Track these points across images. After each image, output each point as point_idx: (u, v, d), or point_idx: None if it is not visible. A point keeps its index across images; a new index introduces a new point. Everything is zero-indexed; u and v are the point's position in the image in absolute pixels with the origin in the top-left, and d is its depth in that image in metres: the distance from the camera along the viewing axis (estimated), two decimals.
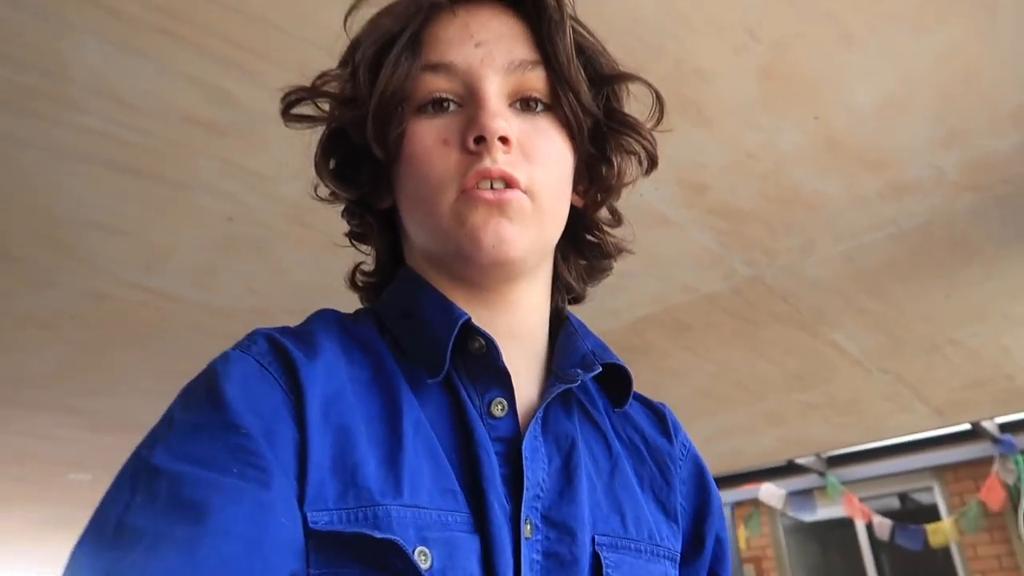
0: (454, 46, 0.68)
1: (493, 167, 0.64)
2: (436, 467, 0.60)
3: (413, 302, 0.70)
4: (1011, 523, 6.02)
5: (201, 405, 0.57)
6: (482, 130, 0.64)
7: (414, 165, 0.67)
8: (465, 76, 0.67)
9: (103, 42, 1.76)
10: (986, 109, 2.17)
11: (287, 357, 0.60)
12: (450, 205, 0.65)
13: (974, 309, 3.34)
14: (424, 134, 0.67)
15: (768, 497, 6.81)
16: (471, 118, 0.65)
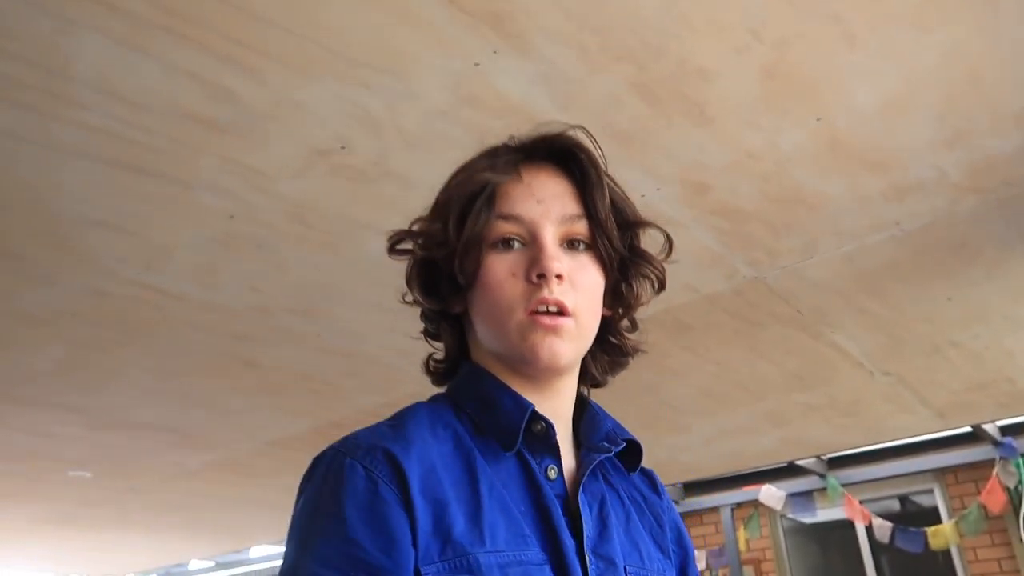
0: (520, 202, 0.93)
1: (550, 297, 0.88)
2: (508, 519, 0.82)
3: (487, 391, 0.93)
4: (1012, 526, 6.02)
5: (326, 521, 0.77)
6: (543, 269, 0.88)
7: (489, 291, 0.90)
8: (529, 225, 0.92)
9: (104, 39, 1.76)
10: (989, 110, 2.17)
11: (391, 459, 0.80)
12: (516, 324, 0.88)
13: (976, 311, 3.33)
14: (497, 268, 0.91)
15: (768, 498, 6.81)
16: (534, 258, 0.89)
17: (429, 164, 2.26)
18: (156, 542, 7.91)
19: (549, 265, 0.88)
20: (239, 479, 5.41)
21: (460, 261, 0.92)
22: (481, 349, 0.96)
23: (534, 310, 0.88)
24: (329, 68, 1.90)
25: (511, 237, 0.92)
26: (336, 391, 3.86)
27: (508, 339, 0.89)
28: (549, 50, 1.88)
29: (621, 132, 2.17)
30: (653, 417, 4.54)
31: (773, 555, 7.26)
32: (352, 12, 1.75)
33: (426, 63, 1.91)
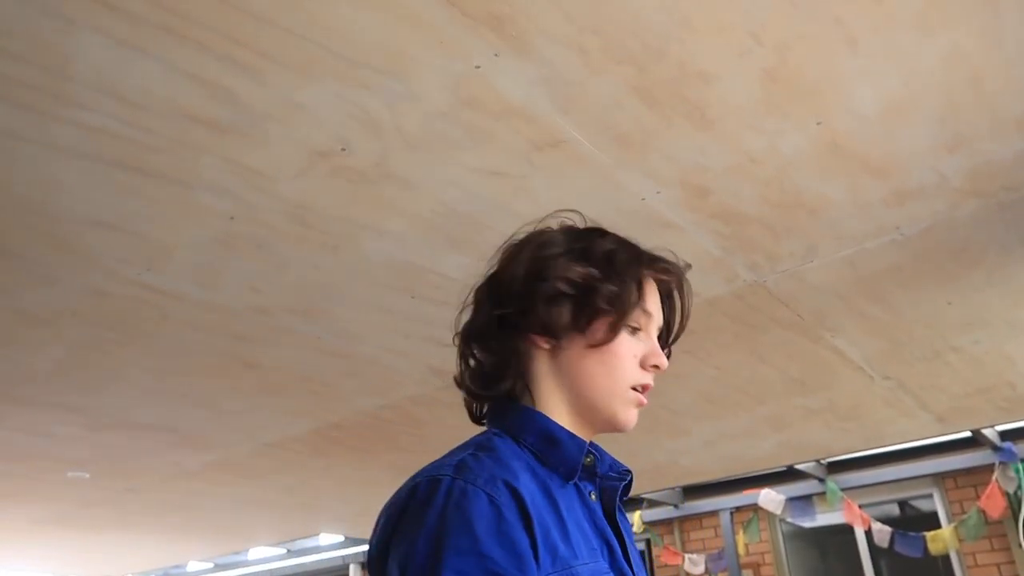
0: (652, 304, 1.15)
1: (651, 385, 1.13)
2: (583, 536, 1.00)
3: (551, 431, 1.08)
4: (1011, 531, 6.01)
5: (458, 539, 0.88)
6: (661, 365, 1.14)
7: (615, 361, 1.10)
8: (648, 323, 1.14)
9: (104, 38, 1.76)
10: (990, 115, 2.16)
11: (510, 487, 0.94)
12: (623, 393, 1.11)
13: (977, 316, 3.33)
14: (626, 346, 1.11)
15: (767, 503, 6.81)
16: (654, 352, 1.14)
17: (429, 166, 2.26)
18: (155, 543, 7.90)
19: (665, 364, 1.14)
20: (238, 480, 5.40)
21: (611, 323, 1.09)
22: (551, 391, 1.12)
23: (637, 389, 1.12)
24: (330, 69, 1.90)
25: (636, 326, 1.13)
26: (336, 392, 3.86)
27: (610, 402, 1.10)
28: (550, 52, 1.88)
29: (621, 135, 2.17)
30: (653, 420, 4.54)
31: (772, 559, 7.25)
32: (353, 13, 1.75)
33: (427, 65, 1.91)
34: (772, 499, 6.80)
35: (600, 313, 1.09)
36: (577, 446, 1.07)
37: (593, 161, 2.27)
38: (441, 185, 2.35)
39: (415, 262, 2.74)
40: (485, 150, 2.22)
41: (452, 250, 2.68)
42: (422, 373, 3.65)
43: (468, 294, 1.21)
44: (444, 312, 3.08)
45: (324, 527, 7.63)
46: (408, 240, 2.60)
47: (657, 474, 5.84)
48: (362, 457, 4.97)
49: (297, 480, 5.46)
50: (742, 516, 7.32)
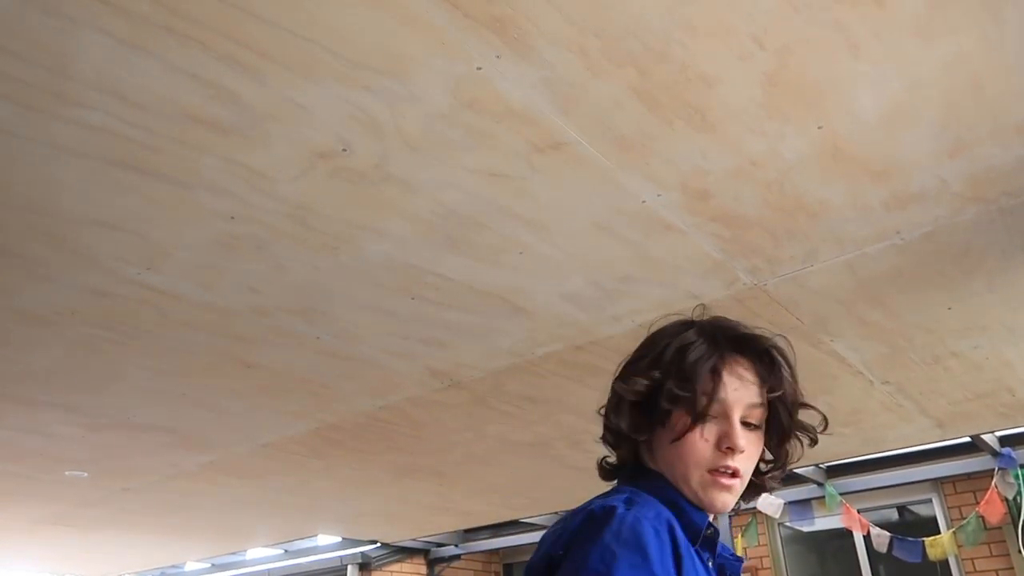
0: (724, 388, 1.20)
1: (732, 464, 1.18)
2: None
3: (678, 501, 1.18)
4: (1010, 537, 6.01)
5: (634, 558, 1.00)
6: (733, 445, 1.18)
7: (686, 449, 1.18)
8: (724, 406, 1.20)
9: (106, 38, 1.76)
10: (991, 120, 2.16)
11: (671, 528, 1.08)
12: (699, 478, 1.18)
13: (977, 321, 3.33)
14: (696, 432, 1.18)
15: (766, 506, 6.80)
16: (727, 433, 1.19)
17: (430, 167, 2.26)
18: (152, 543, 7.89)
19: (739, 443, 1.18)
20: (236, 481, 5.40)
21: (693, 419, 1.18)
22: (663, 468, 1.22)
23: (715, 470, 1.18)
24: (331, 70, 1.90)
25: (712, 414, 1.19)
26: (334, 393, 3.86)
27: (689, 487, 1.18)
28: (551, 55, 1.88)
29: (622, 137, 2.17)
30: None
31: (771, 563, 7.25)
32: (355, 15, 1.75)
33: (428, 66, 1.91)
34: (771, 503, 6.79)
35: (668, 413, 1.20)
36: (700, 516, 1.18)
37: (593, 163, 2.26)
38: (441, 186, 2.35)
39: (415, 263, 2.74)
40: (486, 152, 2.21)
41: (452, 252, 2.67)
42: (421, 375, 3.65)
43: None
44: (444, 314, 3.08)
45: (322, 528, 7.62)
46: (408, 241, 2.60)
47: None
48: (361, 458, 4.96)
49: (295, 481, 5.46)
50: (740, 520, 7.32)
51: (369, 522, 7.20)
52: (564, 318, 3.19)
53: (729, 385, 1.21)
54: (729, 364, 1.23)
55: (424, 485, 5.72)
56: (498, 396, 3.89)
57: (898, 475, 6.44)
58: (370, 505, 6.41)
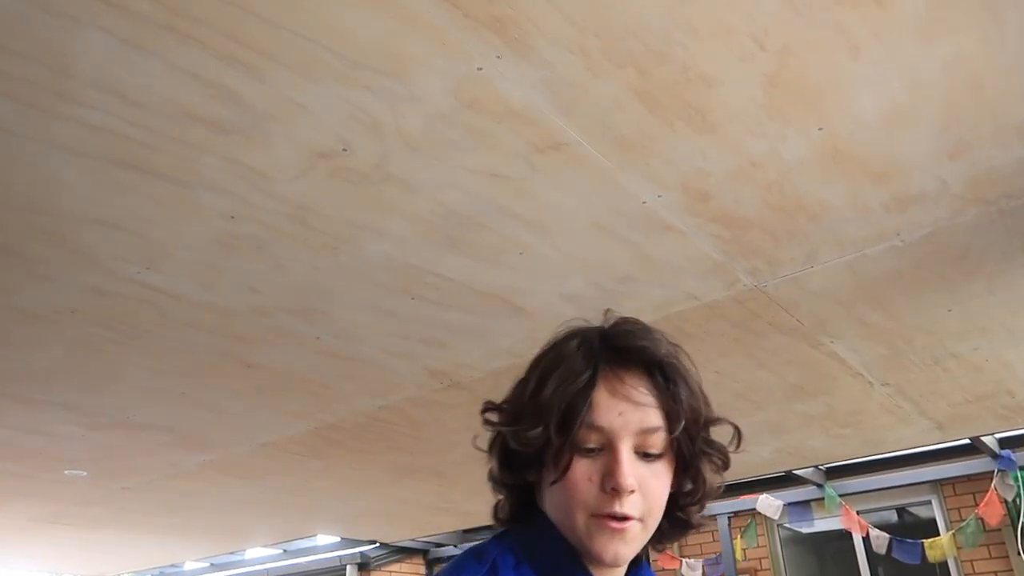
0: (605, 412, 0.98)
1: (619, 511, 0.95)
2: None
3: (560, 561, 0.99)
4: (1009, 539, 6.00)
5: None
6: (617, 485, 0.95)
7: (568, 488, 0.97)
8: (609, 435, 0.97)
9: (107, 37, 1.76)
10: (992, 122, 2.16)
11: None
12: (584, 522, 0.96)
13: (976, 323, 3.33)
14: (578, 471, 0.97)
15: (766, 508, 6.80)
16: (611, 470, 0.96)
17: (430, 168, 2.26)
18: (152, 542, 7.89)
19: (623, 482, 0.95)
20: (236, 480, 5.40)
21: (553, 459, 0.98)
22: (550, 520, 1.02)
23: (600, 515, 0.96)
24: (331, 70, 1.90)
25: (593, 446, 0.98)
26: (334, 393, 3.86)
27: (576, 534, 0.97)
28: (551, 55, 1.88)
29: (622, 138, 2.17)
30: None
31: (770, 564, 7.25)
32: (355, 15, 1.75)
33: (428, 66, 1.91)
34: (770, 504, 6.79)
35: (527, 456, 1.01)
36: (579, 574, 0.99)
37: (594, 164, 2.26)
38: (441, 187, 2.35)
39: (415, 263, 2.74)
40: (486, 152, 2.21)
41: (452, 252, 2.67)
42: (421, 375, 3.65)
43: None
44: (443, 314, 3.08)
45: (321, 528, 7.62)
46: (408, 241, 2.60)
47: None
48: (360, 458, 4.96)
49: (295, 481, 5.46)
50: (740, 521, 7.32)
51: (368, 522, 7.20)
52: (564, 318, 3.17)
53: (612, 408, 0.98)
54: (610, 382, 1.00)
55: (424, 485, 5.72)
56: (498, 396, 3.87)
57: (897, 477, 6.44)
58: (369, 505, 6.41)
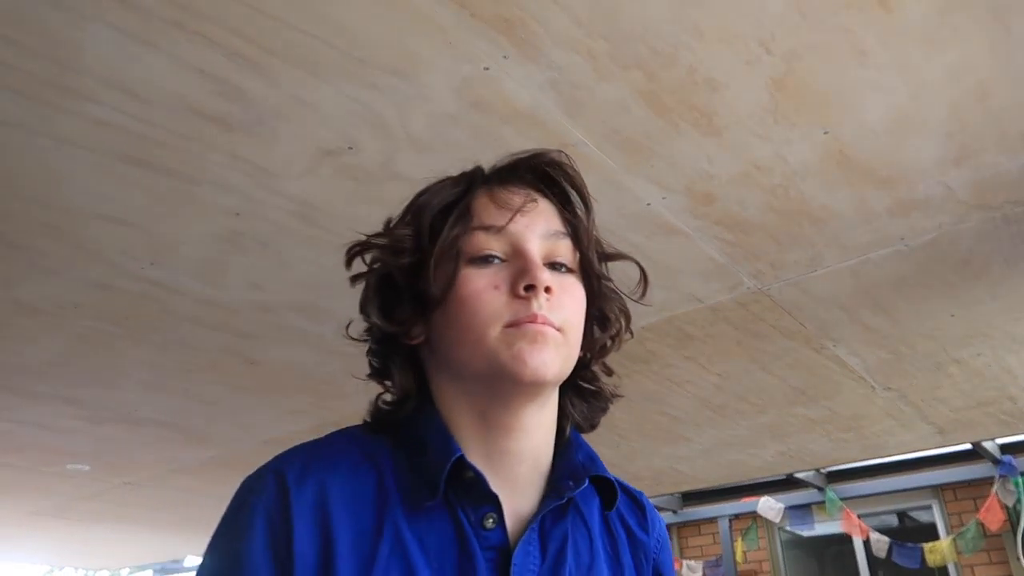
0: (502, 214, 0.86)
1: (539, 312, 0.81)
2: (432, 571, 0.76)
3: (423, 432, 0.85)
4: (1009, 545, 6.00)
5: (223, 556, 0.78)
6: (534, 280, 0.82)
7: (467, 304, 0.82)
8: (513, 238, 0.85)
9: (114, 32, 1.76)
10: (997, 128, 2.16)
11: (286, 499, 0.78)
12: (498, 335, 0.81)
13: (979, 329, 3.33)
14: (476, 281, 0.83)
15: (766, 511, 6.80)
16: (522, 269, 0.83)
17: (436, 167, 2.25)
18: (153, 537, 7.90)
19: (540, 276, 0.82)
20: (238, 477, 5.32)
21: (434, 272, 0.85)
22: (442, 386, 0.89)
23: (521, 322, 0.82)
24: (339, 68, 1.91)
25: (491, 253, 0.85)
26: (337, 391, 3.86)
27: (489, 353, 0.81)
28: (558, 56, 1.88)
29: (628, 140, 2.17)
30: (653, 426, 4.54)
31: (770, 567, 7.25)
32: (364, 13, 1.75)
33: (436, 66, 1.91)
34: (771, 507, 6.79)
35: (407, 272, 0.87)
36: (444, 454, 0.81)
37: (599, 165, 2.27)
38: None
39: None
40: (492, 152, 2.21)
41: None
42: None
43: None
44: None
45: None
46: None
47: (655, 480, 5.83)
48: None
49: None
50: (741, 524, 7.32)
51: None
52: None
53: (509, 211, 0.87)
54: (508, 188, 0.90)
55: None
56: None
57: (898, 481, 6.45)
58: None
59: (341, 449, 0.85)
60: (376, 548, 0.76)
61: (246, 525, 0.77)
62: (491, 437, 0.86)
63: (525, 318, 0.81)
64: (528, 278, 0.82)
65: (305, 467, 0.82)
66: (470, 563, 0.78)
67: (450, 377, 0.88)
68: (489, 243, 0.85)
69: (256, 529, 0.76)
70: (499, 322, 0.82)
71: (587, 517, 0.92)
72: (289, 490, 0.78)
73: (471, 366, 0.83)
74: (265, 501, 0.78)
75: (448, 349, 0.86)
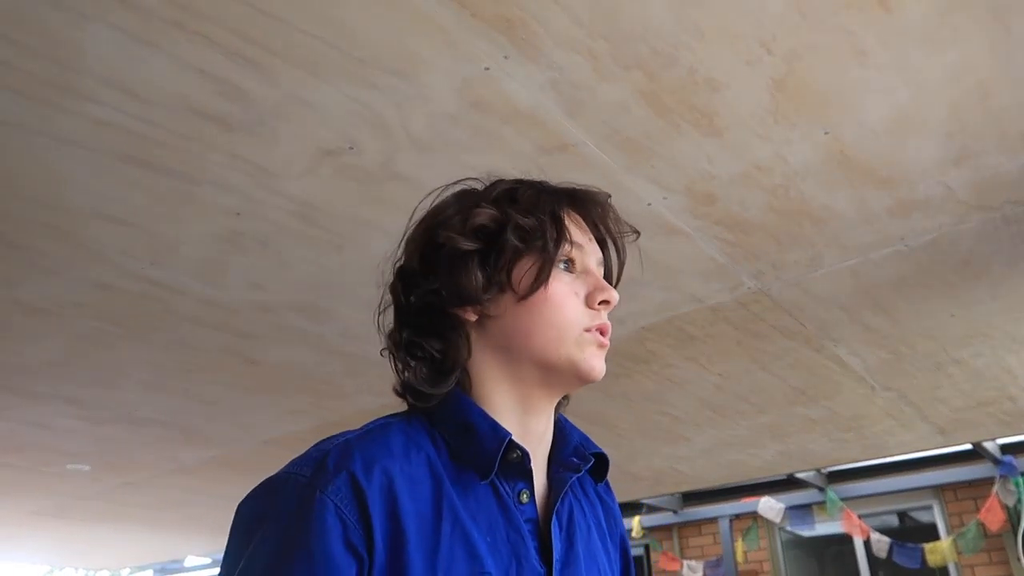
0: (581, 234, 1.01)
1: (607, 324, 0.99)
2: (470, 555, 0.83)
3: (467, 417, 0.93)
4: (1010, 545, 6.00)
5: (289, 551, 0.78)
6: (611, 299, 0.99)
7: (554, 302, 0.95)
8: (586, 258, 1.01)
9: (115, 32, 1.76)
10: (997, 129, 2.16)
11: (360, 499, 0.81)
12: (575, 337, 0.95)
13: (979, 329, 3.33)
14: (562, 286, 0.97)
15: (767, 511, 6.80)
16: (598, 287, 0.99)
17: (436, 167, 2.26)
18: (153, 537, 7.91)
19: (614, 295, 0.99)
20: (237, 476, 5.41)
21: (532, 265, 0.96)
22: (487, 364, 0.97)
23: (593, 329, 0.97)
24: (339, 68, 1.91)
25: (573, 259, 1.00)
26: (337, 391, 3.86)
27: (567, 350, 0.95)
28: (559, 57, 1.88)
29: (629, 140, 2.17)
30: (653, 426, 4.54)
31: (771, 567, 7.25)
32: (363, 13, 1.76)
33: (436, 66, 1.91)
34: (771, 507, 6.79)
35: (517, 256, 0.96)
36: (495, 436, 0.90)
37: (600, 165, 2.27)
38: None
39: None
40: (492, 152, 2.22)
41: None
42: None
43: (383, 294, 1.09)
44: None
45: None
46: None
47: (656, 480, 5.83)
48: None
49: None
50: (741, 524, 7.32)
51: None
52: None
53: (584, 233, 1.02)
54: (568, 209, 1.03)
55: None
56: None
57: (899, 481, 6.45)
58: None
59: (390, 437, 0.89)
60: (439, 529, 0.83)
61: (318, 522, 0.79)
62: (526, 419, 0.97)
63: (598, 326, 0.97)
64: (606, 295, 0.98)
65: (368, 458, 0.84)
66: (517, 534, 0.89)
67: (503, 358, 0.97)
68: (572, 253, 0.99)
69: (329, 524, 0.79)
70: (579, 325, 0.96)
71: (578, 494, 1.04)
72: (360, 482, 0.81)
73: (543, 355, 0.95)
74: (334, 496, 0.80)
75: (519, 335, 0.96)
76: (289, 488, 0.82)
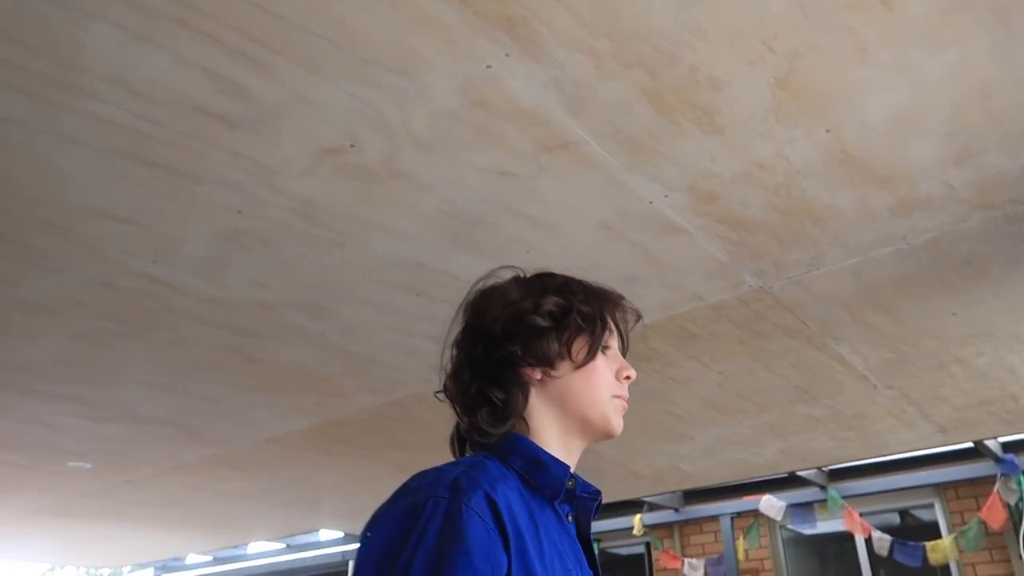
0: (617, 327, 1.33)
1: (626, 394, 1.29)
2: (559, 558, 1.07)
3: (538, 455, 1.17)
4: (1011, 543, 6.00)
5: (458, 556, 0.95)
6: (633, 376, 1.30)
7: (598, 373, 1.25)
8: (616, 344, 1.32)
9: (117, 30, 1.77)
10: (999, 128, 2.16)
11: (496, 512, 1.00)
12: (607, 402, 1.25)
13: (981, 327, 3.33)
14: (603, 363, 1.26)
15: (768, 509, 6.80)
16: (624, 365, 1.30)
17: (438, 165, 2.26)
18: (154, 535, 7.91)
19: (635, 374, 1.31)
20: (238, 475, 5.41)
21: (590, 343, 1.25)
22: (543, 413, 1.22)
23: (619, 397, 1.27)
24: (341, 66, 1.91)
25: (608, 345, 1.29)
26: (338, 389, 3.86)
27: (603, 411, 1.24)
28: (561, 55, 1.88)
29: (631, 138, 2.17)
30: (655, 424, 4.54)
31: (772, 565, 7.25)
32: (366, 12, 1.75)
33: (437, 64, 1.91)
34: (773, 505, 6.79)
35: (578, 334, 1.25)
36: (562, 469, 1.17)
37: (601, 163, 2.27)
38: (449, 185, 2.35)
39: (421, 261, 2.74)
40: (494, 150, 2.22)
41: (459, 250, 2.68)
42: (425, 371, 3.65)
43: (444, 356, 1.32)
44: (449, 311, 3.07)
45: (324, 523, 7.63)
46: (415, 239, 2.61)
47: (658, 478, 5.83)
48: (364, 454, 4.97)
49: (298, 476, 5.47)
50: (742, 522, 7.32)
51: None
52: None
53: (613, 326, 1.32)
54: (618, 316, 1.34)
55: None
56: None
57: (900, 479, 6.45)
58: (373, 500, 6.35)
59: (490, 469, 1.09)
60: (540, 539, 1.04)
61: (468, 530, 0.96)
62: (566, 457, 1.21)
63: (624, 396, 1.28)
64: (630, 372, 1.30)
65: (490, 482, 1.04)
66: (574, 547, 1.15)
67: (557, 410, 1.24)
68: (612, 342, 1.30)
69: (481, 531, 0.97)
70: (611, 392, 1.26)
71: None
72: (493, 498, 1.01)
73: (589, 410, 1.24)
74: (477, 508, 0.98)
75: (574, 394, 1.24)
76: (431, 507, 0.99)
